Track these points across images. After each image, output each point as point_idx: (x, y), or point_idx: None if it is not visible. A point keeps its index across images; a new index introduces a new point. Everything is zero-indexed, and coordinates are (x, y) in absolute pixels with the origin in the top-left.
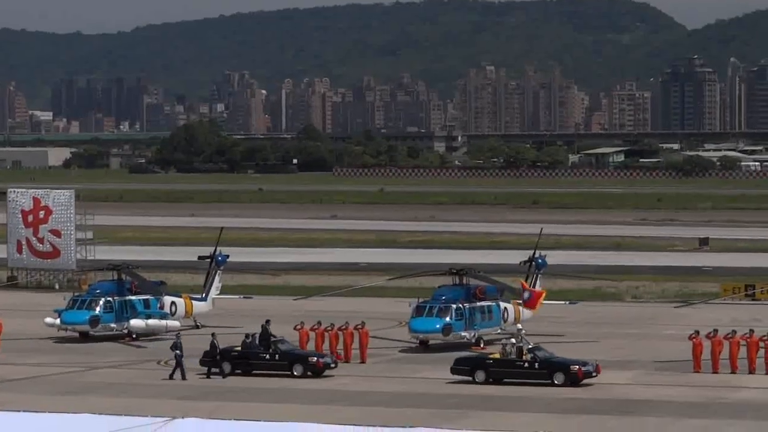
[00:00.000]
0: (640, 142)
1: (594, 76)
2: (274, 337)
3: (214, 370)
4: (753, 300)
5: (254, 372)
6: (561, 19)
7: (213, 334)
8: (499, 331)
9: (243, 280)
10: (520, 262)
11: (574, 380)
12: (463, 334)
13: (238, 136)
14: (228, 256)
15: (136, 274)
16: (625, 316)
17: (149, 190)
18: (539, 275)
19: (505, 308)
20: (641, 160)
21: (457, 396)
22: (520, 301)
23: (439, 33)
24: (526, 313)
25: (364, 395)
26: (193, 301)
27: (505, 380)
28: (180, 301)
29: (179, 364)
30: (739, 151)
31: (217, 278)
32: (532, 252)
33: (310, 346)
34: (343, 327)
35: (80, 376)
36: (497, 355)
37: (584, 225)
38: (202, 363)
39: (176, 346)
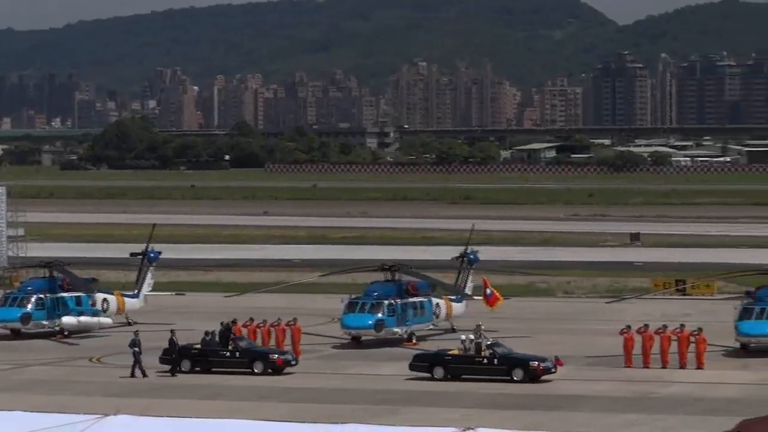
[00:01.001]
0: (572, 138)
1: (526, 72)
2: (234, 335)
3: (179, 368)
4: (683, 295)
5: (213, 369)
6: (493, 15)
7: (172, 331)
8: (431, 326)
9: (175, 276)
10: (452, 258)
11: (533, 376)
12: (395, 330)
13: (170, 133)
14: (160, 253)
15: (67, 271)
16: (556, 311)
17: (81, 187)
18: (471, 271)
19: (437, 304)
20: (573, 155)
21: (388, 392)
22: (453, 297)
23: (372, 29)
24: (457, 308)
25: (296, 391)
26: (125, 298)
27: (464, 376)
28: (112, 298)
29: (137, 361)
30: (670, 147)
31: (149, 275)
32: (464, 248)
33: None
34: (275, 323)
35: (12, 374)
36: (456, 352)
37: (516, 221)
38: (162, 361)
39: (134, 343)
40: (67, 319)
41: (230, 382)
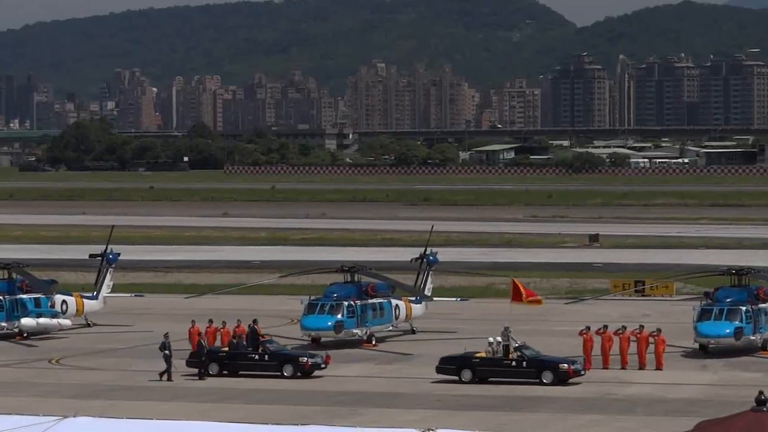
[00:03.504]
0: (531, 139)
1: (484, 73)
2: (263, 337)
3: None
4: (642, 296)
5: (241, 373)
6: (451, 16)
7: (200, 334)
8: (390, 328)
9: (134, 278)
10: (412, 259)
11: (563, 378)
12: (355, 331)
13: (129, 134)
14: (119, 254)
15: (26, 273)
16: (516, 312)
17: (40, 189)
18: (430, 272)
19: (397, 305)
20: (531, 157)
21: (348, 393)
22: (412, 298)
23: (330, 30)
24: (417, 310)
25: (255, 393)
26: (85, 300)
27: (491, 379)
28: (71, 300)
29: (168, 363)
30: (628, 148)
31: (108, 276)
32: (423, 249)
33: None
34: (236, 326)
35: None
36: (483, 354)
37: (475, 222)
38: (189, 364)
39: (164, 346)
40: (26, 321)
41: (194, 384)
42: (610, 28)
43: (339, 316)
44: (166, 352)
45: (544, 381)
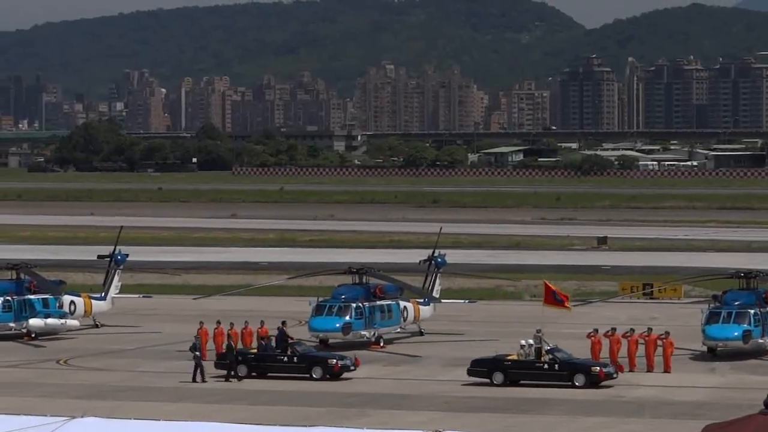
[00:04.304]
0: (539, 142)
1: (493, 75)
2: (291, 339)
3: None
4: (651, 298)
5: (270, 375)
6: (460, 18)
7: (229, 336)
8: (398, 330)
9: (143, 279)
10: (420, 261)
11: (595, 381)
12: (363, 332)
13: (138, 135)
14: (127, 255)
15: (35, 273)
16: (524, 314)
17: (48, 189)
18: (438, 274)
19: (405, 307)
20: (540, 159)
21: (356, 394)
22: (420, 300)
23: (339, 31)
24: (425, 311)
25: (263, 394)
26: (93, 301)
27: (523, 382)
28: (79, 301)
29: (199, 365)
30: (637, 151)
31: (116, 277)
32: (431, 251)
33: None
34: (244, 327)
35: None
36: (515, 357)
37: (483, 224)
38: (218, 366)
39: (195, 347)
40: (34, 322)
41: (200, 386)
42: (619, 30)
43: (347, 317)
44: (197, 353)
45: (576, 384)
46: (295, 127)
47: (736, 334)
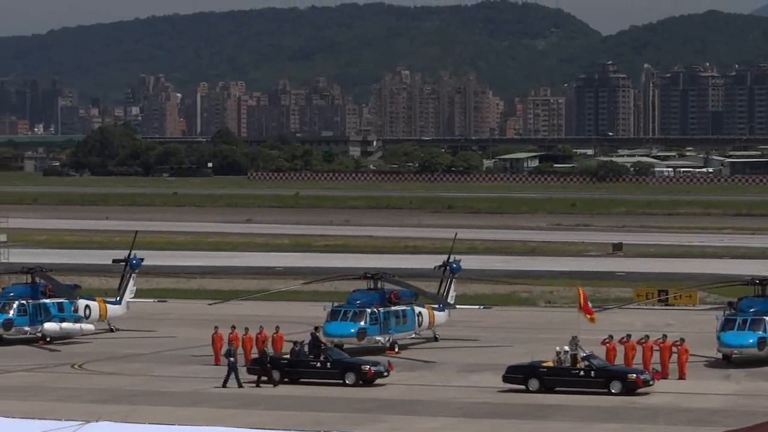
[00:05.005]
0: (555, 148)
1: (509, 81)
2: (324, 344)
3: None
4: (666, 305)
5: (302, 380)
6: (476, 24)
7: (264, 341)
8: (413, 335)
9: (158, 283)
10: (435, 267)
11: (631, 389)
12: (377, 338)
13: (153, 140)
14: (143, 260)
15: (50, 278)
16: (538, 320)
17: (63, 193)
18: (453, 280)
19: (420, 312)
20: (555, 165)
21: (370, 400)
22: (435, 306)
23: (355, 37)
24: (440, 317)
25: (277, 399)
26: (108, 305)
27: (558, 388)
28: (94, 305)
29: (233, 370)
30: (653, 157)
31: (131, 282)
32: (446, 257)
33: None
34: (259, 332)
35: None
36: (551, 363)
37: (499, 230)
38: (251, 371)
39: (230, 353)
40: (49, 326)
41: (214, 390)
42: (635, 36)
43: (362, 323)
44: (231, 359)
45: (613, 391)
46: (311, 133)
47: (751, 341)
